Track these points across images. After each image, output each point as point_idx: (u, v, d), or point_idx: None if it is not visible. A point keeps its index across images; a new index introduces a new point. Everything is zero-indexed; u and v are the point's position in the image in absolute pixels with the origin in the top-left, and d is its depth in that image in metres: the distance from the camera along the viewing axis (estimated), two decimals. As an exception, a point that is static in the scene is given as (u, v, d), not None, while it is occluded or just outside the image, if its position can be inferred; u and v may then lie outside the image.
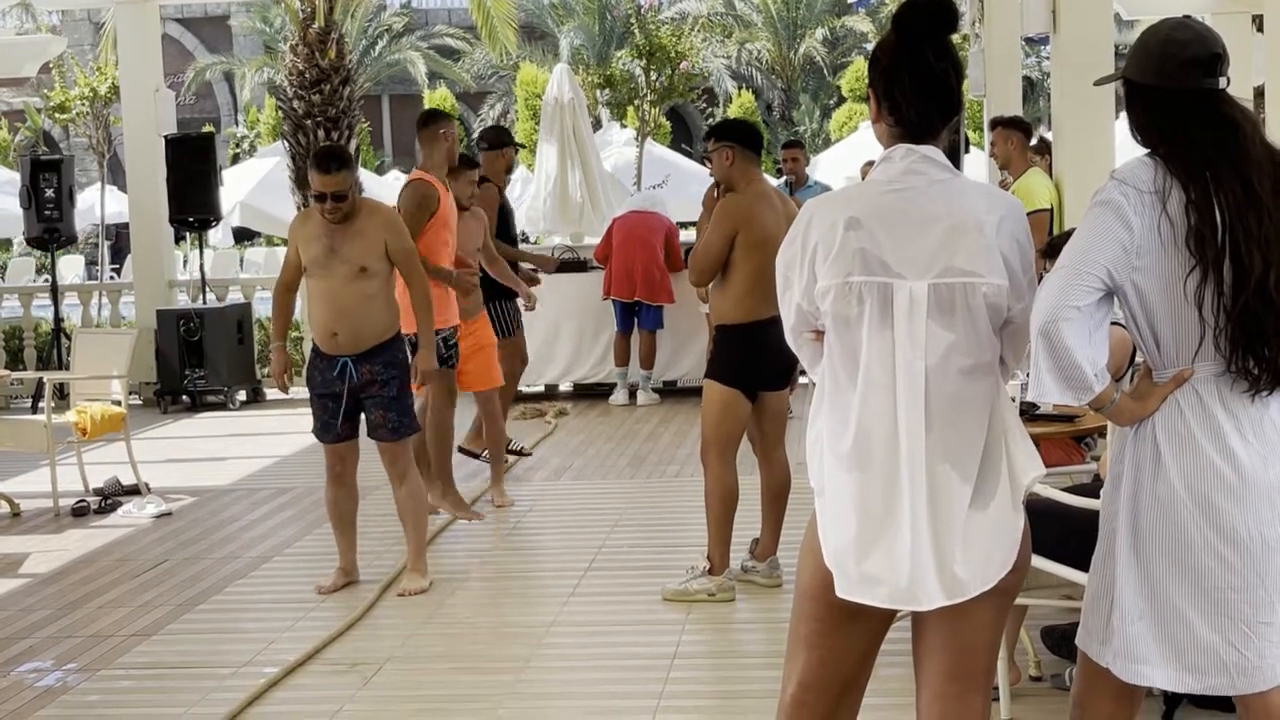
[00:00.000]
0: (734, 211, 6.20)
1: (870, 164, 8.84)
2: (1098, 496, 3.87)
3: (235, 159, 33.31)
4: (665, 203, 12.60)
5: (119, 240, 26.74)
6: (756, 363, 6.25)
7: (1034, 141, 10.86)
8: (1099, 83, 3.66)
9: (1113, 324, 3.27)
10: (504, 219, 9.38)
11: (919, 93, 3.14)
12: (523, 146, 10.31)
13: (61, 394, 10.07)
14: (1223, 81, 3.22)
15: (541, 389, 12.70)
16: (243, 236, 29.56)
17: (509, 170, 9.45)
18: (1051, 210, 9.33)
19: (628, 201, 13.56)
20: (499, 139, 9.41)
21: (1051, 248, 5.39)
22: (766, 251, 5.81)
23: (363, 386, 6.53)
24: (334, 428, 6.61)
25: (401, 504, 6.76)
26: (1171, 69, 3.20)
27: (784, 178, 11.39)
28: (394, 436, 6.64)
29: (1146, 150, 3.26)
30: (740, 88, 38.34)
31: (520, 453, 9.63)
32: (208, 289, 13.52)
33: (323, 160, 6.42)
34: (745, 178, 6.29)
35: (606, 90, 23.97)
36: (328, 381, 6.54)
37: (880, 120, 3.21)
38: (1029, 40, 18.62)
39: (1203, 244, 3.10)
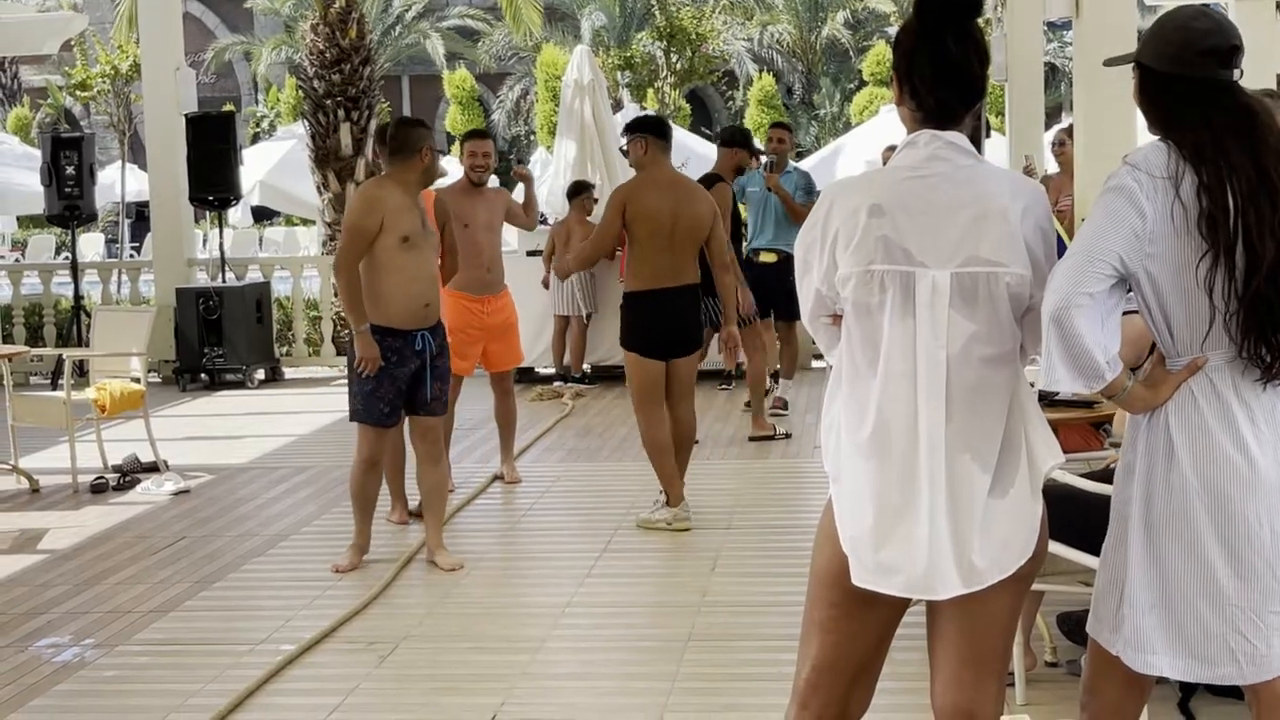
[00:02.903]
0: (621, 192, 7.31)
1: (892, 148, 9.11)
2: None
3: (255, 138, 33.35)
4: None
5: (139, 218, 26.79)
6: (652, 327, 7.19)
7: (1054, 131, 10.80)
8: (1109, 63, 3.62)
9: (1131, 313, 3.25)
10: (734, 218, 9.72)
11: (938, 79, 3.11)
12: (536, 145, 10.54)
13: (81, 371, 10.10)
14: (1236, 74, 3.21)
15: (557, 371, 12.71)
16: (262, 216, 29.59)
17: (739, 171, 9.83)
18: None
19: None
20: (733, 138, 9.97)
21: None
22: (650, 227, 7.12)
23: (434, 359, 6.58)
24: (399, 409, 6.59)
25: (435, 481, 6.77)
26: (1189, 57, 3.18)
27: (767, 158, 10.77)
28: (443, 410, 6.76)
29: (1159, 135, 3.25)
30: (761, 70, 38.22)
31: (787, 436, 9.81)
32: (227, 268, 13.55)
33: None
34: (655, 165, 7.26)
35: (627, 72, 23.97)
36: (405, 359, 6.50)
37: (902, 104, 3.19)
38: (1051, 25, 18.55)
39: (1214, 228, 3.08)
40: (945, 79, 3.11)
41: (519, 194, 9.07)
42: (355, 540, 6.81)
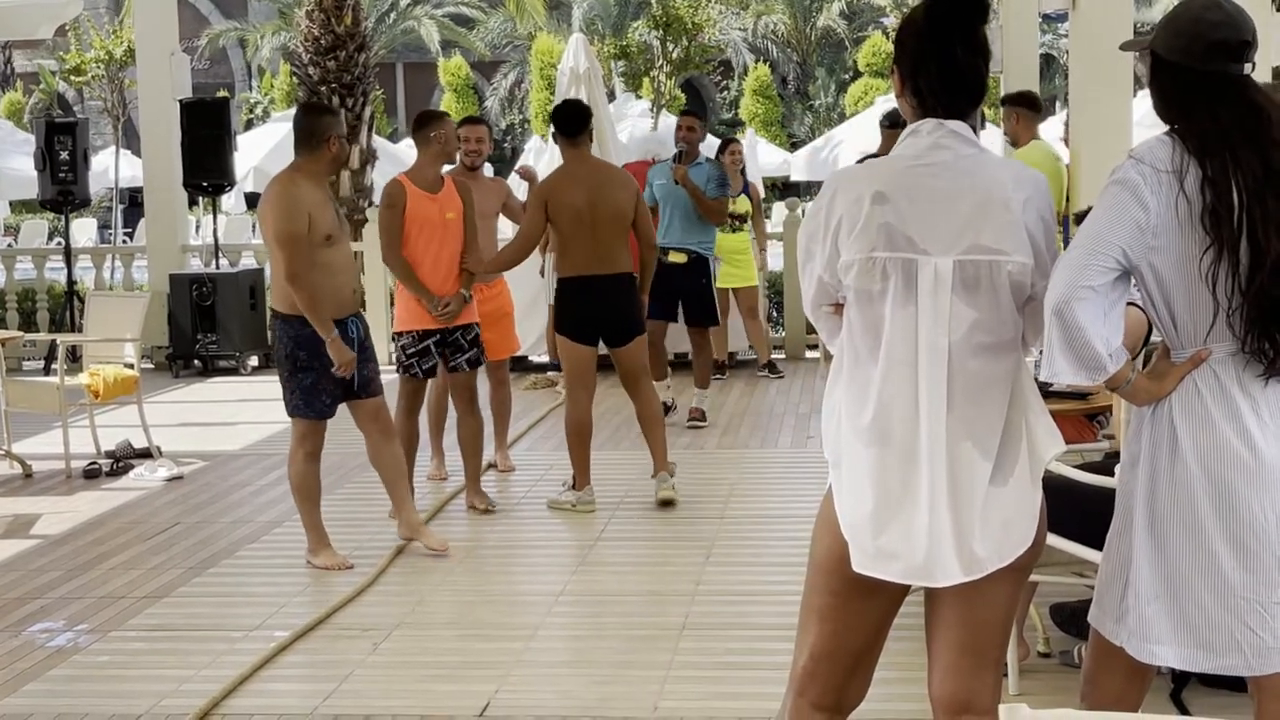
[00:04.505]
0: (541, 189, 7.50)
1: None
2: (1110, 474, 3.87)
3: (249, 124, 33.29)
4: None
5: (132, 204, 26.74)
6: (580, 313, 7.38)
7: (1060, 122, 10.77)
8: (1124, 47, 3.63)
9: (1128, 304, 3.26)
10: None
11: (946, 86, 3.12)
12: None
13: (74, 356, 10.10)
14: (1248, 68, 3.20)
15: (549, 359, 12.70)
16: (255, 202, 29.52)
17: None
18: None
19: (627, 149, 13.27)
20: (896, 120, 9.90)
21: (1078, 220, 5.38)
22: (569, 217, 7.28)
23: (363, 342, 6.57)
24: (338, 399, 6.55)
25: (393, 459, 6.72)
26: (1199, 50, 3.17)
27: (676, 148, 10.06)
28: (380, 390, 6.67)
29: (1166, 127, 3.25)
30: (757, 60, 38.20)
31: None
32: (220, 254, 13.53)
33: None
34: (570, 157, 7.44)
35: (622, 61, 23.92)
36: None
37: (904, 96, 3.19)
38: (1046, 17, 18.53)
39: (1218, 222, 3.09)
40: (953, 86, 3.13)
41: (522, 191, 9.03)
42: (317, 541, 6.64)
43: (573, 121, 7.43)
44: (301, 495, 6.63)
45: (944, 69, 3.11)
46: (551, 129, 7.49)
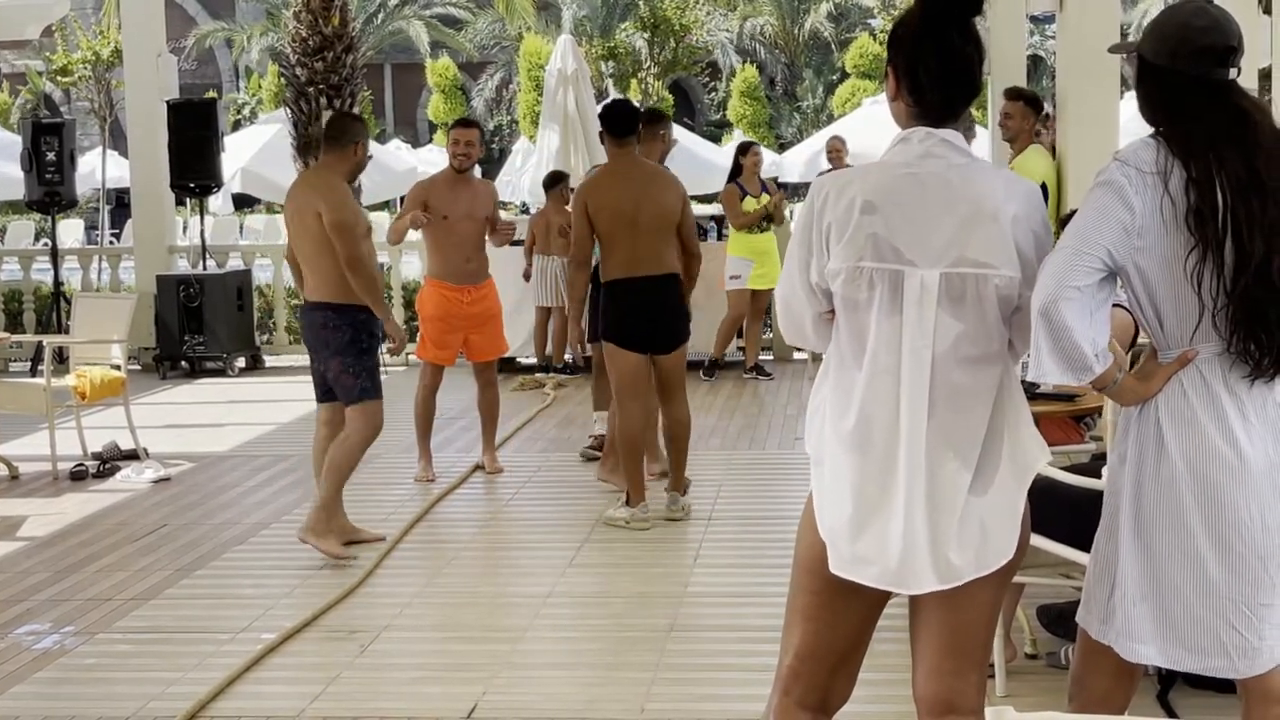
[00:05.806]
0: (580, 192, 7.32)
1: (837, 138, 9.53)
2: (1097, 475, 3.88)
3: (237, 125, 33.25)
4: None
5: (119, 205, 26.67)
6: (627, 316, 7.08)
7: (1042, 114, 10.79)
8: (1113, 50, 3.64)
9: (1115, 305, 3.27)
10: None
11: (944, 76, 3.12)
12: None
13: (61, 358, 10.08)
14: (1233, 72, 3.21)
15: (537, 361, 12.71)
16: (243, 203, 29.48)
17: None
18: (1044, 186, 9.29)
19: None
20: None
21: (1064, 223, 5.39)
22: (609, 216, 7.05)
23: None
24: None
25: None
26: (1185, 54, 3.18)
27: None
28: None
29: (1152, 129, 3.26)
30: (744, 62, 38.22)
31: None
32: (208, 255, 13.51)
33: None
34: (615, 156, 7.28)
35: (610, 63, 23.98)
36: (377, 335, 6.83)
37: (899, 99, 3.18)
38: (1034, 18, 18.57)
39: (1202, 223, 3.10)
40: (951, 76, 3.12)
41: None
42: (330, 524, 6.70)
43: (621, 122, 7.25)
44: (338, 475, 6.70)
45: (942, 57, 3.11)
46: (598, 129, 7.35)
